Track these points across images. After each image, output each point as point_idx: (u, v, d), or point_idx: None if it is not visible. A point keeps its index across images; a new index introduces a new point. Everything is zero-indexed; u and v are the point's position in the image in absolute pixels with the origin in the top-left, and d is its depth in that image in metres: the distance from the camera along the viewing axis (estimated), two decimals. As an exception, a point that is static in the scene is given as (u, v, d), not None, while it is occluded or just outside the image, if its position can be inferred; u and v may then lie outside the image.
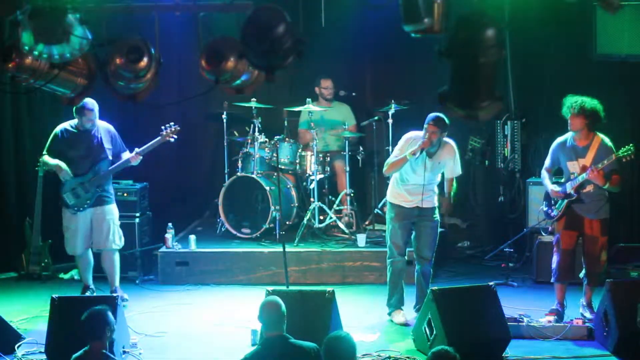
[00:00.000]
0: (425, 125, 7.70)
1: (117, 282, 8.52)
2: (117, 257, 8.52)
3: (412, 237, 8.00)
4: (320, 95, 10.42)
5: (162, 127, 8.49)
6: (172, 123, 8.50)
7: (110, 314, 6.01)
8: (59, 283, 9.49)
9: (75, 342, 5.99)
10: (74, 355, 5.82)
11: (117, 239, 8.46)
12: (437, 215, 8.02)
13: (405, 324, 7.85)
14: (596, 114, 7.46)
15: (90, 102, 8.10)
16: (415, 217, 7.90)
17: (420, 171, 7.76)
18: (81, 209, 8.31)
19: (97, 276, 8.75)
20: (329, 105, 10.40)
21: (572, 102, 7.49)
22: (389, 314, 8.02)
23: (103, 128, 8.40)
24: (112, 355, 5.89)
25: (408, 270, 8.25)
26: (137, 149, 8.41)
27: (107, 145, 8.38)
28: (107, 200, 8.42)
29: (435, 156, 7.80)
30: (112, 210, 8.46)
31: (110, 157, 8.39)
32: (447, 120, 7.64)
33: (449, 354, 5.10)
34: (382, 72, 10.95)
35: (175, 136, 8.50)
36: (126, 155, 8.44)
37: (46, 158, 8.42)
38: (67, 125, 8.41)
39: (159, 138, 8.44)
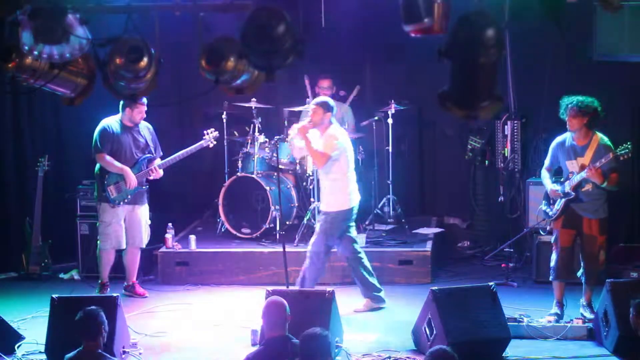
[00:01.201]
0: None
1: (134, 277, 8.83)
2: (139, 255, 8.84)
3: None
4: (319, 95, 10.40)
5: (204, 132, 8.87)
6: (212, 129, 8.93)
7: (102, 314, 5.98)
8: (59, 283, 9.49)
9: (75, 342, 5.99)
10: (67, 356, 5.80)
11: (147, 238, 8.79)
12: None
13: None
14: (594, 112, 7.48)
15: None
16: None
17: None
18: (121, 203, 8.51)
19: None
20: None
21: (569, 102, 7.51)
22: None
23: (144, 126, 8.68)
24: (108, 355, 5.88)
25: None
26: (159, 161, 8.73)
27: (150, 143, 8.69)
28: (145, 199, 8.73)
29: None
30: (147, 210, 8.79)
31: (153, 154, 8.69)
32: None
33: (447, 353, 5.10)
34: (382, 72, 10.95)
35: (215, 141, 8.97)
36: (160, 153, 8.78)
37: (106, 160, 8.51)
38: (111, 120, 8.56)
39: (200, 142, 8.84)
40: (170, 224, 9.53)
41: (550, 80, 9.82)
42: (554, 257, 7.76)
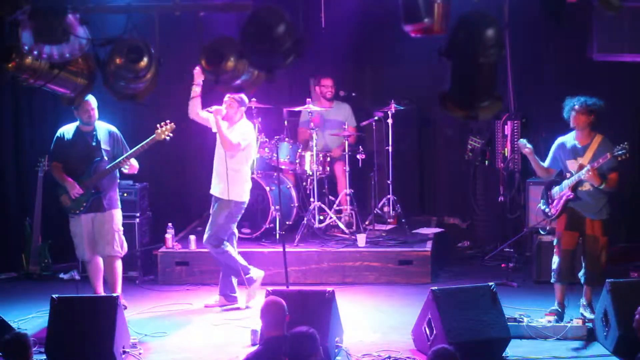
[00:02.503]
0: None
1: (118, 290, 8.21)
2: (118, 265, 8.27)
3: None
4: (320, 94, 10.41)
5: (157, 125, 8.19)
6: (167, 120, 8.21)
7: (30, 340, 5.83)
8: (59, 283, 9.48)
9: (75, 342, 6.00)
10: None
11: (118, 246, 8.21)
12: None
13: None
14: (600, 111, 7.48)
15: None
16: None
17: None
18: (77, 212, 8.11)
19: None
20: (330, 105, 10.40)
21: (574, 101, 7.51)
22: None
23: (103, 128, 8.20)
24: None
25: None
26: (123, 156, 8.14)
27: (104, 146, 8.14)
28: (108, 205, 8.16)
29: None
30: (114, 216, 8.20)
31: (106, 159, 8.12)
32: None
33: (449, 352, 5.10)
34: (382, 72, 10.95)
35: (171, 134, 8.19)
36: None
37: (54, 170, 8.22)
38: (68, 127, 8.25)
39: (152, 137, 8.14)
40: (170, 224, 9.53)
41: (550, 80, 9.83)
42: (555, 259, 7.73)
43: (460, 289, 7.36)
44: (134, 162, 8.19)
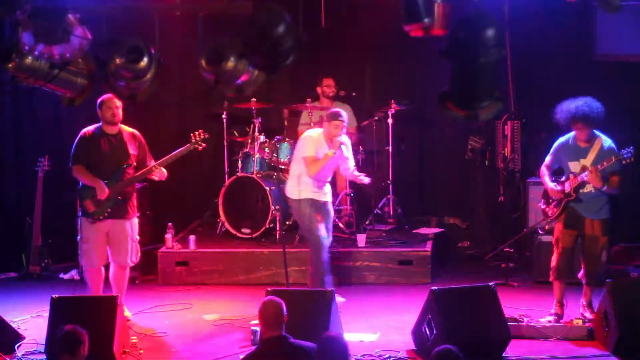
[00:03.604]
0: (334, 122, 8.21)
1: (123, 297, 7.80)
2: (127, 272, 8.08)
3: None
4: (322, 94, 10.41)
5: (191, 134, 8.05)
6: (201, 130, 8.10)
7: (85, 334, 5.87)
8: (59, 283, 9.49)
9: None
10: None
11: (135, 256, 8.00)
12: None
13: None
14: (600, 118, 7.45)
15: (112, 96, 7.54)
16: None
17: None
18: (100, 217, 7.77)
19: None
20: (331, 104, 10.40)
21: (577, 113, 7.42)
22: None
23: (127, 132, 7.92)
24: None
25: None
26: (154, 162, 7.92)
27: (131, 150, 7.87)
28: (130, 212, 7.91)
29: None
30: (134, 225, 7.97)
31: (134, 163, 7.87)
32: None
33: (452, 353, 5.09)
34: (382, 72, 10.95)
35: (204, 144, 8.09)
36: (151, 163, 7.93)
37: (79, 172, 7.83)
38: (91, 128, 7.89)
39: (187, 146, 8.01)
40: (170, 224, 9.53)
41: (550, 80, 9.82)
42: (554, 257, 7.74)
43: (460, 289, 7.36)
44: (163, 169, 7.95)
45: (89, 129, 7.92)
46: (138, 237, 8.05)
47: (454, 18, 4.84)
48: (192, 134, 8.07)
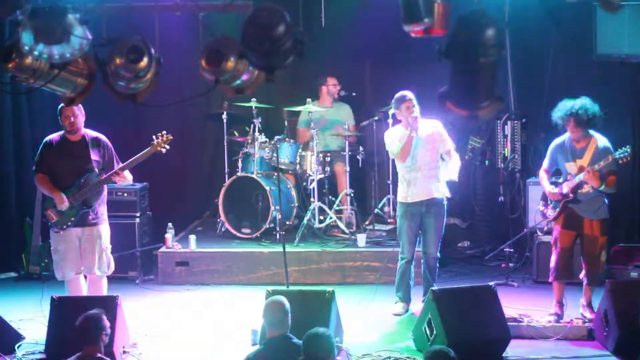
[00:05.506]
0: (403, 105, 7.99)
1: None
2: (104, 284, 7.71)
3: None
4: (327, 93, 10.43)
5: (154, 137, 7.66)
6: (164, 132, 7.70)
7: (105, 318, 5.95)
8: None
9: (75, 342, 5.99)
10: None
11: (106, 266, 7.62)
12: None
13: (397, 314, 8.12)
14: (596, 119, 7.45)
15: (69, 105, 7.08)
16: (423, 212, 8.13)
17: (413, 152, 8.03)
18: (64, 227, 7.49)
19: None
20: (331, 104, 10.42)
21: (568, 111, 7.44)
22: (395, 302, 8.25)
23: (91, 137, 7.61)
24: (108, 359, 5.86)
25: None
26: (120, 165, 7.56)
27: (94, 157, 7.56)
28: (97, 220, 7.58)
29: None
30: (102, 233, 7.60)
31: (96, 170, 7.54)
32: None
33: (444, 353, 5.09)
34: (382, 72, 10.95)
35: (167, 146, 7.66)
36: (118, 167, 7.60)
37: (39, 181, 7.58)
38: (55, 135, 7.67)
39: (148, 149, 7.59)
40: (170, 224, 9.53)
41: (551, 80, 9.82)
42: (553, 257, 7.75)
43: (460, 289, 7.37)
44: (127, 174, 7.58)
45: (53, 136, 7.68)
46: (109, 246, 7.67)
47: (454, 18, 4.84)
48: (154, 136, 7.68)
